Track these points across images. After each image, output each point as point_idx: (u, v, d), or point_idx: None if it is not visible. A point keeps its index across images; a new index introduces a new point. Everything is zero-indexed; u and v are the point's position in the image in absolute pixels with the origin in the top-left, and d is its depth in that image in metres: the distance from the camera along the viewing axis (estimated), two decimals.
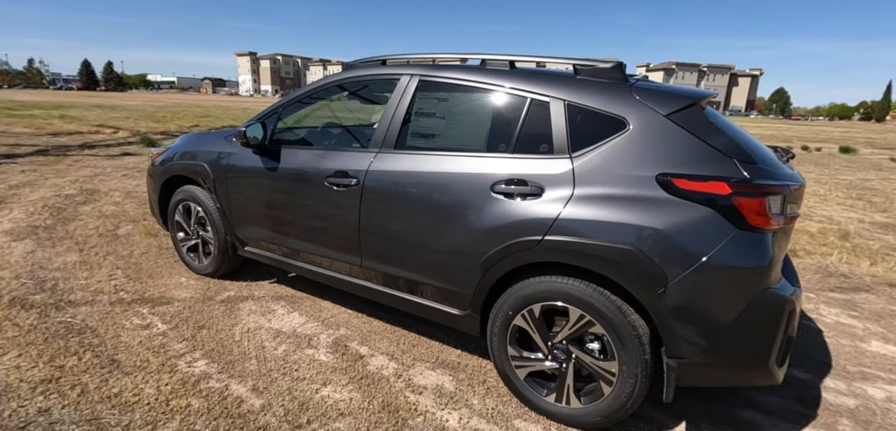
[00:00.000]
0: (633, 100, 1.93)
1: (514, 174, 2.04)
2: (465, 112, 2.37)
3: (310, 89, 2.86)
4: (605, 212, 1.82)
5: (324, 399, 2.18)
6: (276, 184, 2.79)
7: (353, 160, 2.50)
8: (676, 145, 1.81)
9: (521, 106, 2.13)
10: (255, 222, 3.00)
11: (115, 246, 4.00)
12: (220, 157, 3.10)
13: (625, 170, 1.85)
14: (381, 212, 2.39)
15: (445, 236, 2.19)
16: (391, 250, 2.41)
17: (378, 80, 2.68)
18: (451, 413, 2.12)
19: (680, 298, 1.71)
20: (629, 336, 1.82)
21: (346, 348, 2.63)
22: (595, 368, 1.95)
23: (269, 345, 2.61)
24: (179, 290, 3.24)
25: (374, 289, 2.57)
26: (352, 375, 2.37)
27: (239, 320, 2.87)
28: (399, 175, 2.33)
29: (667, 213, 1.74)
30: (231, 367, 2.39)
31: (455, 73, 2.34)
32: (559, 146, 2.00)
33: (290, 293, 3.30)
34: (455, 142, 2.35)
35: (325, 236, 2.67)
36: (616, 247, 1.77)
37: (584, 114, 1.99)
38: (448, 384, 2.34)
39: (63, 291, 3.12)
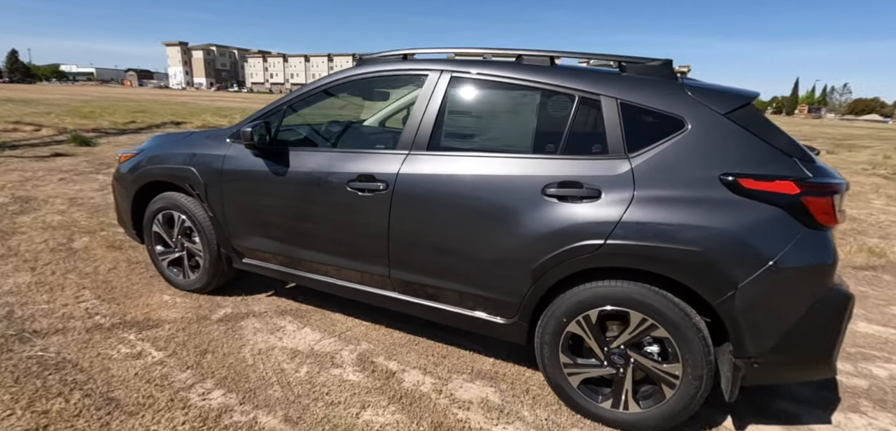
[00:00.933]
0: (688, 98, 1.90)
1: (567, 176, 1.96)
2: (505, 111, 2.26)
3: (319, 85, 2.62)
4: (670, 214, 1.79)
5: (368, 424, 2.00)
6: (286, 189, 2.54)
7: (380, 162, 2.32)
8: (738, 145, 1.81)
9: (570, 104, 2.05)
10: (258, 232, 2.72)
11: (74, 262, 3.51)
12: (212, 161, 2.78)
13: (686, 171, 1.82)
14: (414, 218, 2.23)
15: (490, 242, 2.08)
16: (426, 259, 2.26)
17: (401, 77, 2.51)
18: (506, 429, 2.02)
19: (751, 299, 1.71)
20: (695, 338, 1.80)
21: (374, 364, 2.45)
22: (656, 372, 1.92)
23: (288, 368, 2.37)
24: (166, 310, 2.89)
25: (403, 301, 2.41)
26: (389, 395, 2.20)
27: (245, 340, 2.60)
28: (435, 178, 2.18)
29: (734, 214, 1.73)
30: (253, 396, 2.14)
31: (492, 70, 2.22)
32: (614, 146, 1.94)
33: (294, 306, 3.04)
34: (497, 143, 2.24)
35: (345, 246, 2.46)
36: (686, 250, 1.74)
37: (639, 112, 1.94)
38: (492, 396, 2.24)
39: (23, 319, 2.68)
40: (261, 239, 2.73)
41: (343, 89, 2.62)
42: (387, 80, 2.61)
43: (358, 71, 2.52)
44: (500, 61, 2.27)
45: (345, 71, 2.56)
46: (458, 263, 2.18)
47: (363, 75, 2.51)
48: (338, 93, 2.62)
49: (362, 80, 2.53)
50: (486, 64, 2.26)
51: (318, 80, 2.62)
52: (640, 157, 1.89)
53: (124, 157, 3.26)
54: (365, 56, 2.61)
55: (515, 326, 2.15)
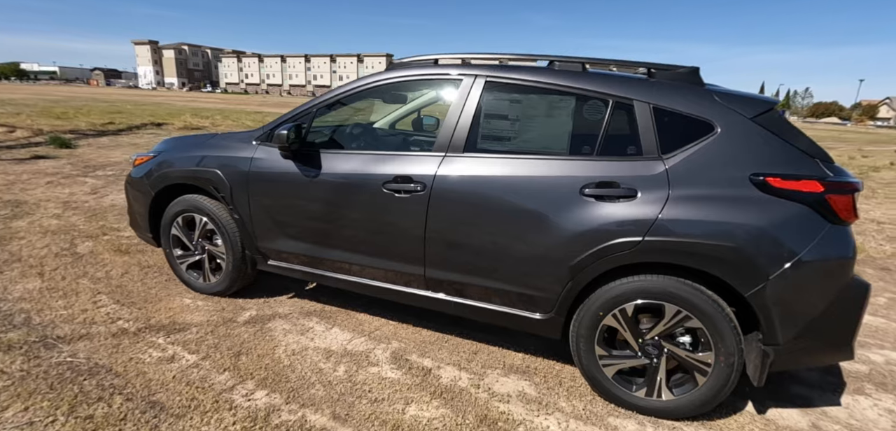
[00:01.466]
0: (716, 103, 2.03)
1: (604, 176, 2.06)
2: (540, 114, 2.35)
3: (352, 89, 2.65)
4: (705, 211, 1.91)
5: (416, 419, 2.05)
6: (317, 191, 2.57)
7: (416, 164, 2.37)
8: (765, 147, 1.94)
9: (604, 108, 2.15)
10: (286, 234, 2.74)
11: (83, 267, 3.44)
12: (238, 163, 2.78)
13: (718, 172, 1.95)
14: (453, 218, 2.30)
15: (530, 241, 2.16)
16: (464, 258, 2.32)
17: (435, 81, 2.57)
18: (547, 419, 2.11)
19: (781, 290, 1.84)
20: (727, 328, 1.93)
21: (409, 361, 2.50)
22: (689, 361, 2.04)
23: (325, 367, 2.40)
24: (189, 314, 2.87)
25: (437, 299, 2.47)
26: (430, 391, 2.26)
27: (277, 342, 2.61)
28: (473, 179, 2.26)
29: (765, 211, 1.86)
30: (297, 395, 2.17)
31: (526, 75, 2.31)
32: (648, 148, 2.05)
33: (318, 307, 3.06)
34: (533, 145, 2.32)
35: (379, 246, 2.51)
36: (721, 245, 1.87)
37: (671, 116, 2.06)
38: (528, 389, 2.32)
39: (42, 325, 2.62)
40: (289, 240, 2.75)
41: (377, 92, 2.66)
42: (420, 84, 2.66)
43: (392, 75, 2.57)
44: (533, 66, 2.36)
45: (379, 74, 2.61)
46: (497, 261, 2.26)
47: (397, 79, 2.56)
48: (372, 96, 2.66)
49: (396, 84, 2.58)
50: (519, 69, 2.34)
51: (349, 84, 2.66)
52: (674, 159, 2.01)
53: (139, 160, 3.22)
54: (397, 61, 2.66)
55: (552, 321, 2.24)
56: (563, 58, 2.34)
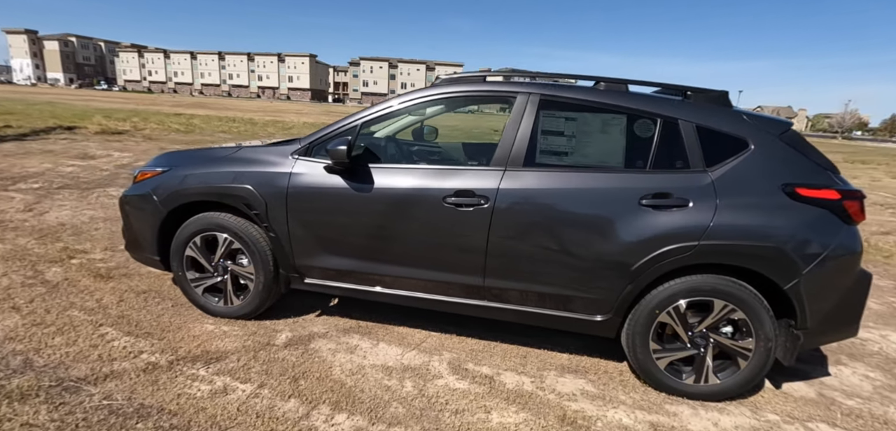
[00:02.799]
0: (747, 123, 2.35)
1: (659, 188, 2.29)
2: (595, 130, 2.52)
3: (403, 104, 2.65)
4: (749, 217, 2.21)
5: (503, 426, 2.13)
6: (371, 206, 2.54)
7: (477, 178, 2.45)
8: (790, 161, 2.28)
9: (653, 126, 2.39)
10: (331, 251, 2.66)
11: (66, 297, 3.04)
12: (274, 179, 2.65)
13: (755, 182, 2.26)
14: (516, 229, 2.40)
15: (592, 249, 2.33)
16: (525, 267, 2.44)
17: (489, 96, 2.65)
18: (616, 412, 2.29)
19: (812, 282, 2.18)
20: (766, 316, 2.24)
21: (468, 371, 2.56)
22: (733, 348, 2.33)
23: (391, 384, 2.39)
24: (219, 341, 2.67)
25: (494, 308, 2.56)
26: (502, 397, 2.35)
27: (330, 362, 2.54)
28: (536, 192, 2.38)
29: (796, 216, 2.20)
30: (378, 415, 2.14)
31: (579, 94, 2.48)
32: (695, 162, 2.32)
33: (354, 323, 2.99)
34: (591, 159, 2.49)
35: (437, 259, 2.54)
36: (766, 246, 2.17)
37: (712, 134, 2.34)
38: (587, 386, 2.49)
39: (51, 367, 2.31)
40: (334, 257, 2.67)
41: (429, 106, 2.68)
42: (474, 99, 2.72)
43: (447, 89, 2.61)
44: (584, 86, 2.54)
45: (429, 90, 2.63)
46: (558, 269, 2.40)
47: (452, 94, 2.61)
48: (424, 109, 2.68)
49: (450, 98, 2.63)
50: (572, 88, 2.51)
51: (397, 99, 2.65)
52: (718, 171, 2.29)
53: (143, 176, 2.93)
54: (449, 76, 2.70)
55: (610, 322, 2.43)
56: (607, 78, 2.55)
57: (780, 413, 2.37)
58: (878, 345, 3.18)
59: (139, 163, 8.24)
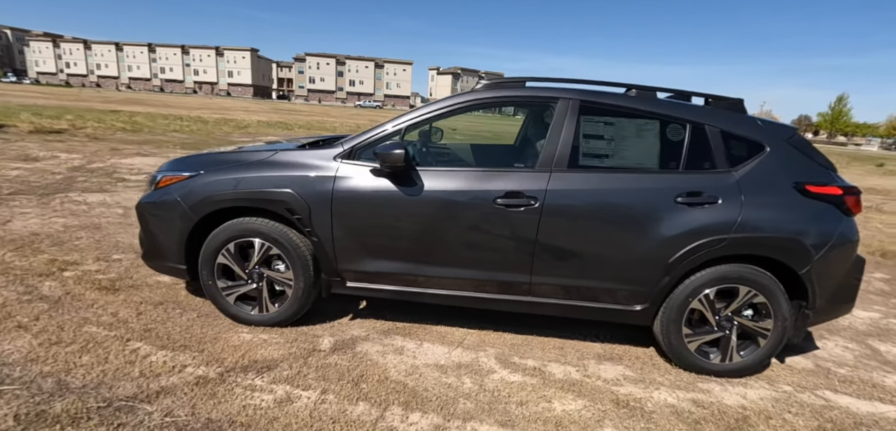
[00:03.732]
0: (761, 127, 2.64)
1: (692, 187, 2.52)
2: (631, 134, 2.71)
3: (447, 107, 2.70)
4: (770, 212, 2.49)
5: (567, 413, 2.26)
6: (421, 209, 2.58)
7: (525, 180, 2.56)
8: (798, 161, 2.59)
9: (682, 130, 2.62)
10: (377, 254, 2.68)
11: (76, 312, 2.82)
12: (317, 183, 2.62)
13: (772, 181, 2.54)
14: (563, 228, 2.55)
15: (634, 244, 2.53)
16: (571, 264, 2.59)
17: (532, 100, 2.77)
18: (659, 393, 2.49)
19: (821, 267, 2.49)
20: (783, 299, 2.54)
21: (516, 364, 2.67)
22: (754, 328, 2.61)
23: (451, 381, 2.45)
24: (263, 349, 2.61)
25: (540, 303, 2.69)
26: (556, 386, 2.48)
27: (382, 364, 2.56)
28: (581, 192, 2.54)
29: (807, 210, 2.50)
30: (451, 412, 2.20)
31: (617, 100, 2.67)
32: (721, 163, 2.57)
33: (390, 325, 3.01)
34: (629, 161, 2.67)
35: (486, 258, 2.63)
36: (787, 237, 2.46)
37: (734, 138, 2.61)
38: (626, 372, 2.69)
39: (92, 387, 2.17)
40: (380, 261, 2.69)
41: (472, 109, 2.76)
42: (515, 103, 2.81)
43: (490, 94, 2.71)
44: (620, 93, 2.72)
45: (473, 94, 2.71)
46: (602, 264, 2.57)
47: (494, 98, 2.71)
48: (471, 111, 2.75)
49: (492, 102, 2.72)
50: (608, 94, 2.69)
51: (442, 103, 2.71)
52: (741, 171, 2.55)
53: (167, 180, 2.78)
54: (488, 82, 2.79)
55: (647, 311, 2.64)
56: (638, 86, 2.75)
57: (791, 384, 2.68)
58: (847, 321, 3.64)
59: (96, 165, 7.63)
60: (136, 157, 8.81)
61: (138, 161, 8.45)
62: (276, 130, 17.33)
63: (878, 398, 2.61)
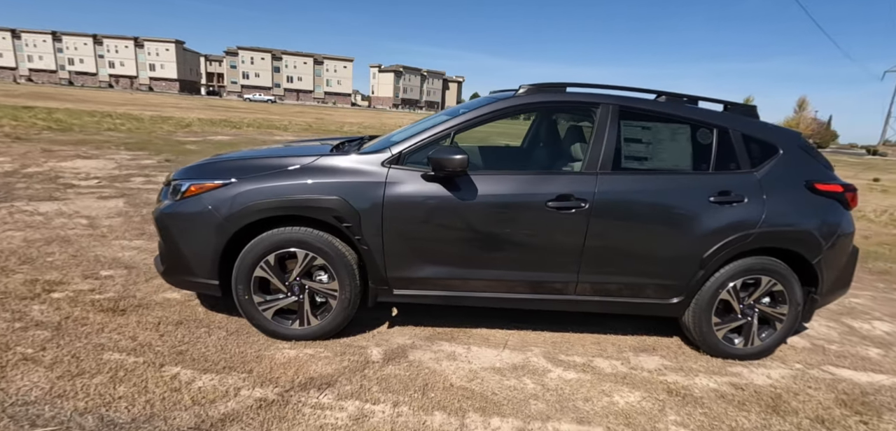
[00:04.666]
0: (774, 131, 2.91)
1: (722, 187, 2.73)
2: (666, 138, 2.87)
3: (493, 110, 2.72)
4: (788, 208, 2.75)
5: (630, 404, 2.38)
6: (475, 213, 2.59)
7: (574, 183, 2.65)
8: (806, 163, 2.89)
9: (710, 134, 2.82)
10: (428, 260, 2.65)
11: (88, 338, 2.53)
12: (366, 189, 2.54)
13: (787, 180, 2.81)
14: (610, 229, 2.66)
15: (674, 241, 2.70)
16: (616, 262, 2.71)
17: (574, 105, 2.85)
18: (697, 378, 2.68)
19: (829, 256, 2.80)
20: (797, 286, 2.82)
21: (566, 361, 2.75)
22: (773, 314, 2.88)
23: (514, 383, 2.48)
24: (314, 365, 2.49)
25: (583, 301, 2.79)
26: (610, 380, 2.59)
27: (439, 372, 2.53)
28: (627, 193, 2.67)
29: (816, 206, 2.80)
30: (527, 414, 2.24)
31: (652, 106, 2.82)
32: (744, 164, 2.80)
33: (432, 331, 2.98)
34: (666, 163, 2.83)
35: (535, 259, 2.68)
36: (803, 230, 2.74)
37: (753, 141, 2.85)
38: (664, 362, 2.86)
39: (143, 422, 1.97)
40: (430, 266, 2.66)
41: (523, 111, 2.79)
42: (557, 108, 2.87)
43: (533, 98, 2.77)
44: (655, 99, 2.88)
45: (518, 98, 2.75)
46: (645, 262, 2.72)
47: (537, 102, 2.78)
48: (518, 115, 2.78)
49: (533, 105, 2.79)
50: (644, 100, 2.84)
51: (490, 106, 2.72)
52: (761, 172, 2.80)
53: (196, 189, 2.56)
54: (530, 86, 2.83)
55: (682, 304, 2.82)
56: (668, 92, 2.93)
57: (800, 362, 2.99)
58: None
59: (32, 169, 6.78)
60: (76, 160, 7.92)
61: (81, 164, 7.61)
62: (224, 129, 16.30)
63: (870, 369, 2.98)
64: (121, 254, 3.80)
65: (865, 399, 2.62)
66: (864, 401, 2.59)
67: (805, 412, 2.44)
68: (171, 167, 7.97)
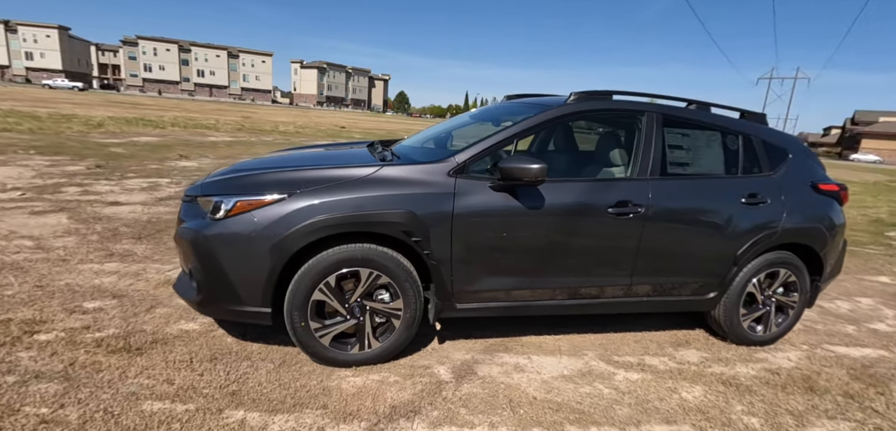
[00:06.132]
0: (784, 138, 3.22)
1: (751, 189, 2.97)
2: (702, 145, 3.03)
3: (546, 119, 2.70)
4: (803, 207, 3.06)
5: (699, 401, 2.49)
6: (544, 221, 2.56)
7: (631, 189, 2.72)
8: (810, 166, 3.23)
9: (737, 140, 3.06)
10: (494, 271, 2.58)
11: (113, 387, 2.14)
12: (435, 201, 2.41)
13: (797, 182, 3.13)
14: (661, 232, 2.78)
15: (715, 241, 2.88)
16: (666, 264, 2.84)
17: (622, 112, 2.91)
18: (734, 367, 2.88)
19: (831, 248, 3.16)
20: (806, 276, 3.15)
21: (622, 362, 2.82)
22: (786, 302, 3.19)
23: (589, 390, 2.50)
24: (389, 391, 2.31)
25: (633, 302, 2.89)
26: (669, 376, 2.70)
27: (517, 385, 2.48)
28: (675, 197, 2.80)
29: (821, 204, 3.15)
30: (621, 420, 2.26)
31: (688, 114, 2.98)
32: (765, 168, 3.07)
33: (485, 343, 2.90)
34: (704, 168, 2.99)
35: (595, 265, 2.73)
36: (816, 227, 3.06)
37: (769, 146, 3.13)
38: (701, 354, 3.04)
39: None
40: (496, 278, 2.59)
41: (577, 119, 2.80)
42: (603, 115, 2.92)
43: (582, 106, 2.79)
44: (687, 106, 3.04)
45: (571, 105, 2.76)
46: (690, 261, 2.88)
47: (585, 109, 2.82)
48: (572, 121, 2.79)
49: (591, 112, 2.82)
50: (681, 109, 2.99)
51: (543, 114, 2.70)
52: (778, 174, 3.08)
53: (247, 205, 2.25)
54: (578, 92, 2.84)
55: (716, 298, 3.02)
56: (697, 101, 3.12)
57: (805, 344, 3.34)
58: None
59: None
60: None
61: None
62: (145, 129, 14.58)
63: (857, 344, 3.41)
64: (98, 281, 3.25)
65: (869, 372, 2.99)
66: (870, 374, 2.95)
67: (834, 389, 2.73)
68: (105, 174, 6.99)
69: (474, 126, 3.48)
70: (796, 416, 2.43)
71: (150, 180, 6.90)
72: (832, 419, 2.44)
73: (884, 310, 4.13)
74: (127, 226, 4.57)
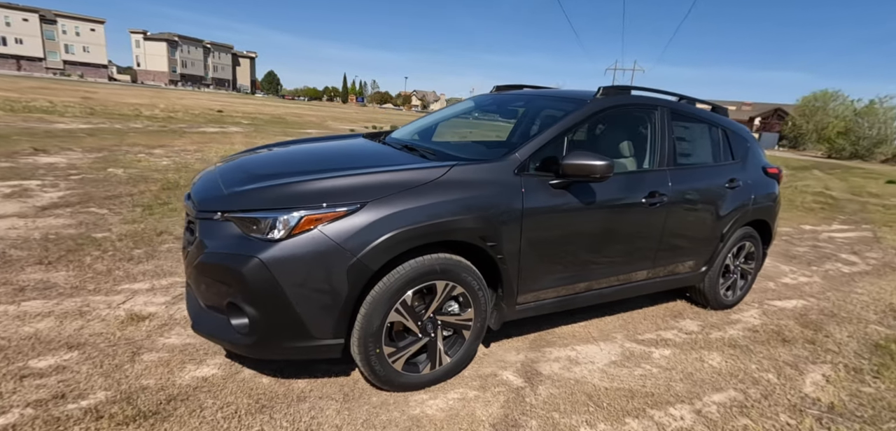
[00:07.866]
0: (742, 129, 3.76)
1: (731, 175, 3.41)
2: (697, 137, 3.35)
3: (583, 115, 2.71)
4: (761, 188, 3.62)
5: (723, 366, 2.82)
6: (598, 215, 2.62)
7: (656, 179, 2.93)
8: (758, 153, 3.82)
9: (718, 132, 3.47)
10: (553, 270, 2.57)
11: None
12: (507, 202, 2.30)
13: (754, 166, 3.68)
14: (676, 218, 3.05)
15: (711, 223, 3.27)
16: (678, 246, 3.13)
17: (640, 106, 3.06)
18: (728, 331, 3.32)
19: (775, 216, 3.80)
20: (761, 245, 3.76)
21: (646, 340, 3.05)
22: (748, 270, 3.75)
23: (640, 372, 2.65)
24: (477, 410, 2.17)
25: (650, 283, 3.14)
26: (691, 348, 3.00)
27: (582, 379, 2.52)
28: (686, 186, 3.09)
29: (770, 185, 3.75)
30: (682, 396, 2.44)
31: (687, 108, 3.29)
32: (736, 156, 3.55)
33: (523, 340, 2.89)
34: (701, 158, 3.31)
35: (632, 253, 2.89)
36: (770, 205, 3.65)
37: (736, 137, 3.62)
38: (693, 324, 3.42)
39: None
40: (552, 274, 2.58)
41: (610, 112, 2.87)
42: (631, 108, 3.03)
43: (614, 100, 2.88)
44: (684, 101, 3.34)
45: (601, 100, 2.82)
46: (693, 242, 3.22)
47: (620, 104, 2.92)
48: (606, 115, 2.87)
49: (617, 107, 2.92)
50: (682, 104, 3.29)
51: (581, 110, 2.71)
52: (744, 162, 3.59)
53: (316, 219, 1.87)
54: (610, 87, 2.92)
55: (705, 273, 3.44)
56: (687, 96, 3.45)
57: (756, 302, 3.98)
58: None
59: None
60: None
61: None
62: None
63: (786, 298, 4.17)
64: (29, 329, 2.44)
65: (808, 318, 3.69)
66: (810, 321, 3.64)
67: (798, 339, 3.32)
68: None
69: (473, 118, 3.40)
70: (793, 366, 2.89)
71: (9, 183, 5.33)
72: (815, 364, 2.96)
73: (781, 266, 5.12)
74: (17, 248, 3.48)
